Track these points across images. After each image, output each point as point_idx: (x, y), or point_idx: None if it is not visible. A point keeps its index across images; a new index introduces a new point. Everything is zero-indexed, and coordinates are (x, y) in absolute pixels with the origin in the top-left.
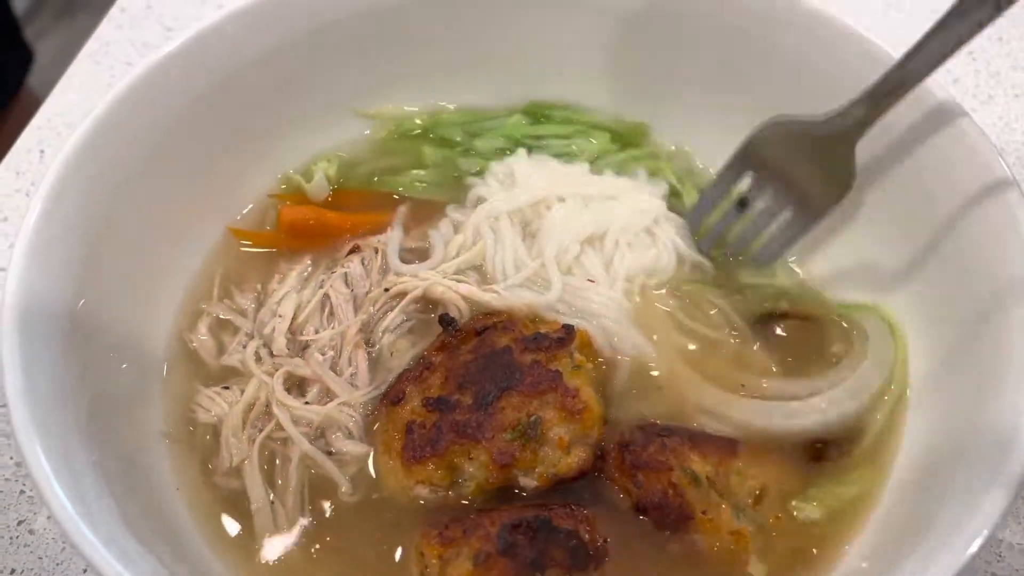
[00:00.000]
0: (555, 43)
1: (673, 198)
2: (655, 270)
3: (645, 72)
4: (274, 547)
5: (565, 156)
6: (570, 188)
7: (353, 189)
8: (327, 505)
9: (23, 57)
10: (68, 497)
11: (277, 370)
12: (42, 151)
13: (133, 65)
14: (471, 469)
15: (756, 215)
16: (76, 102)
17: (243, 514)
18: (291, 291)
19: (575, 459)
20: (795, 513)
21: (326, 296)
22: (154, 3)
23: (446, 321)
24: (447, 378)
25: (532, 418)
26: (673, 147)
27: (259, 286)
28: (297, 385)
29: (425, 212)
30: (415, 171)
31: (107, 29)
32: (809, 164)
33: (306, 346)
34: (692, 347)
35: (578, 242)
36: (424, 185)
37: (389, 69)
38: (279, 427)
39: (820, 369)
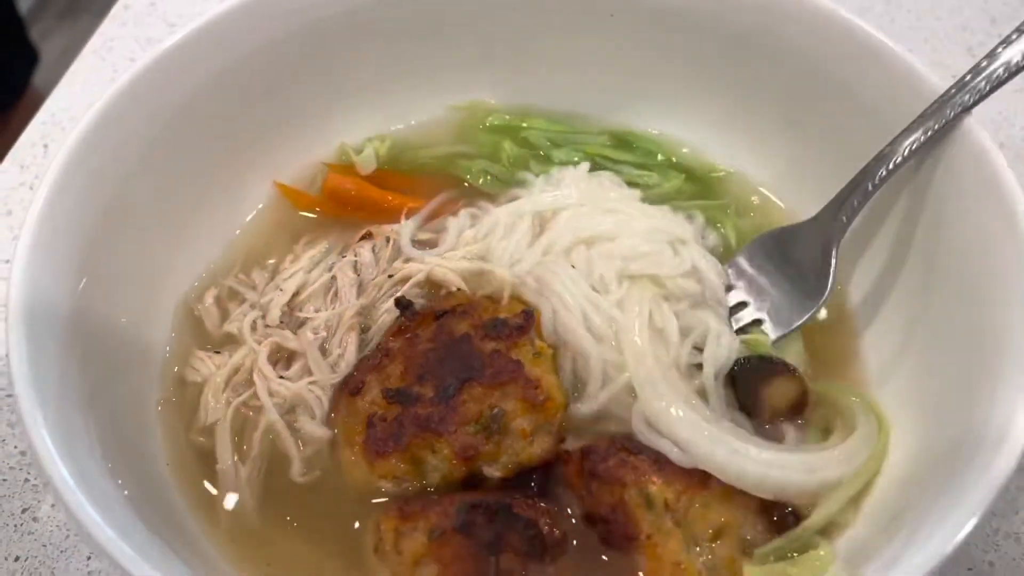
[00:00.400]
0: (657, 72)
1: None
2: (656, 263)
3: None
4: (232, 509)
5: (634, 186)
6: (599, 201)
7: (401, 171)
8: (282, 479)
9: (28, 57)
10: (75, 482)
11: (266, 339)
12: (46, 145)
13: (137, 61)
14: (435, 462)
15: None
16: (80, 97)
17: (212, 475)
18: (300, 271)
19: (538, 448)
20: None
21: (333, 279)
22: (158, 0)
23: (403, 305)
24: (407, 368)
25: (495, 411)
26: (756, 200)
27: (272, 262)
28: (286, 359)
29: (460, 205)
30: (487, 162)
31: (111, 26)
32: (789, 276)
33: (303, 323)
34: (660, 355)
35: (575, 236)
36: (490, 177)
37: (478, 62)
38: (256, 395)
39: (789, 434)
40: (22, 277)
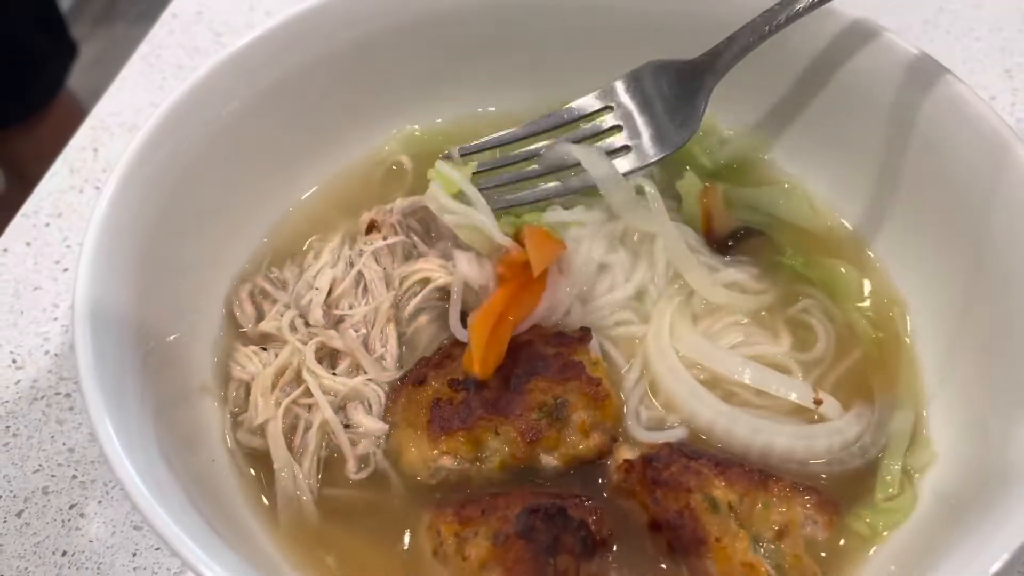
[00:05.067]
0: None
1: None
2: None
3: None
4: (290, 507)
5: None
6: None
7: None
8: (334, 476)
9: (67, 50)
10: (141, 480)
11: (311, 339)
12: (95, 149)
13: (184, 68)
14: (496, 444)
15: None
16: (128, 103)
17: (258, 474)
18: (325, 266)
19: (594, 443)
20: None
21: (360, 273)
22: (204, 9)
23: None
24: None
25: (559, 400)
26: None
27: (293, 259)
28: (328, 356)
29: None
30: None
31: (159, 33)
32: (665, 107)
33: (340, 320)
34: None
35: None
36: None
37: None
38: (306, 394)
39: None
40: (86, 281)
